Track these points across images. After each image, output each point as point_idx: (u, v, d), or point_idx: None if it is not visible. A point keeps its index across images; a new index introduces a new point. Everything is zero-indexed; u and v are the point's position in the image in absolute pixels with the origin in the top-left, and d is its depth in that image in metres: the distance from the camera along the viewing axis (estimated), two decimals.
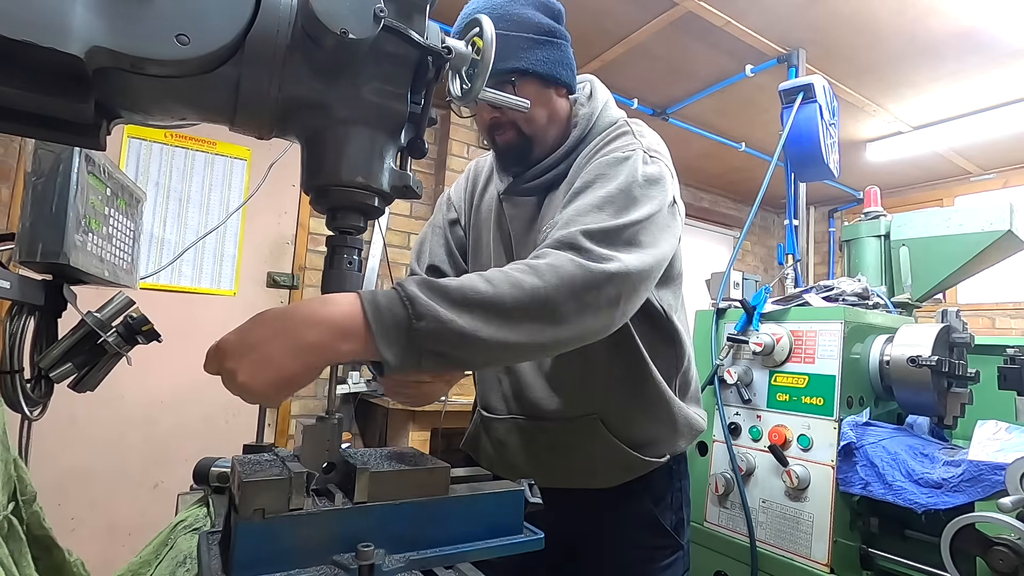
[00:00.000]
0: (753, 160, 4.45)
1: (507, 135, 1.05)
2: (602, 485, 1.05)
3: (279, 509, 0.52)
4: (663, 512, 1.09)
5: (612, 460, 1.04)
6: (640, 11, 2.83)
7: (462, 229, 1.24)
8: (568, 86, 1.06)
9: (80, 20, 0.44)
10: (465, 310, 0.67)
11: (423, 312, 0.64)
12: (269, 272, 3.21)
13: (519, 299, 0.70)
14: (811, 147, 2.15)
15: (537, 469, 1.05)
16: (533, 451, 1.08)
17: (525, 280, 0.71)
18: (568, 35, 1.06)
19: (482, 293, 0.68)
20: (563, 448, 1.05)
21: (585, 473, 1.05)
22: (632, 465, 1.04)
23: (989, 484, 1.14)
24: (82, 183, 0.84)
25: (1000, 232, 1.84)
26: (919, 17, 2.79)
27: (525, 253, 1.04)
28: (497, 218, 1.15)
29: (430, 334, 0.64)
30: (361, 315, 0.62)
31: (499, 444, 1.11)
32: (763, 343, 1.53)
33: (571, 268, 0.74)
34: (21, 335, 0.86)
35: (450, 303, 0.66)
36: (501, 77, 0.97)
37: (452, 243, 1.22)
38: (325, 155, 0.60)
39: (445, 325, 0.65)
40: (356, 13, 0.52)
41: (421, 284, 0.66)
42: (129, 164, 2.84)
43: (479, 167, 1.26)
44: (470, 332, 0.66)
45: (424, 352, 0.65)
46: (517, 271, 0.72)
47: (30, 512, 0.82)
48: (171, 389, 2.82)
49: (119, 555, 2.53)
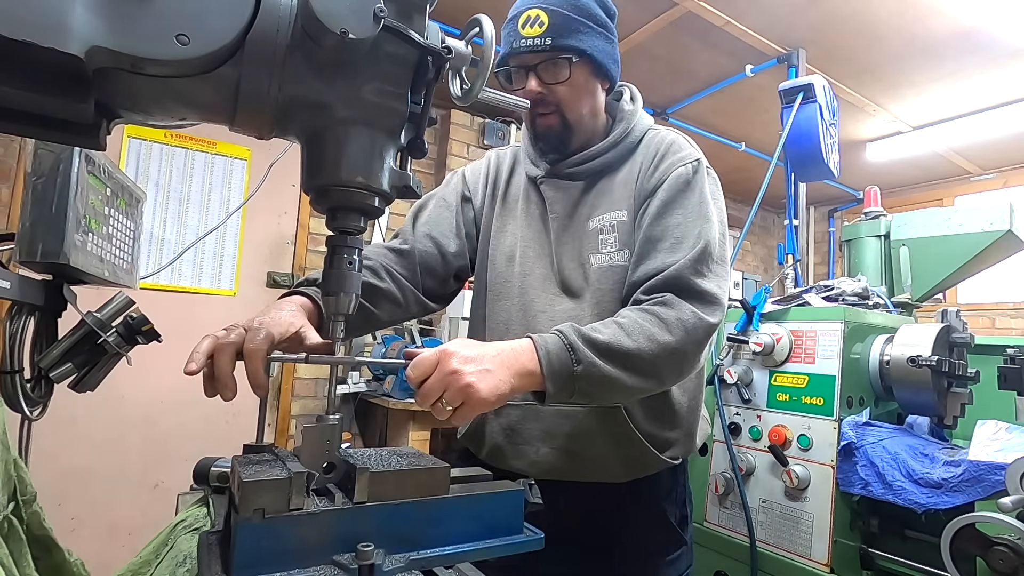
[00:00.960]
0: (753, 160, 4.45)
1: (550, 119, 1.06)
2: (617, 479, 1.05)
3: (279, 509, 0.52)
4: (670, 508, 1.10)
5: (631, 455, 1.04)
6: (640, 11, 2.83)
7: (474, 211, 1.22)
8: (612, 82, 1.11)
9: (80, 20, 0.44)
10: (611, 361, 0.84)
11: (582, 359, 0.83)
12: (269, 272, 3.21)
13: (655, 353, 0.87)
14: (811, 147, 2.15)
15: (551, 458, 1.04)
16: (551, 439, 1.05)
17: (659, 336, 0.88)
18: (617, 36, 1.13)
19: (626, 348, 0.85)
20: (585, 438, 1.03)
21: (602, 466, 1.04)
22: (649, 462, 1.05)
23: (989, 484, 1.14)
24: (82, 183, 0.85)
25: (1000, 232, 1.84)
26: (919, 17, 2.79)
27: (567, 237, 1.09)
28: (528, 202, 1.15)
29: (585, 377, 0.83)
30: (536, 359, 0.81)
31: (510, 431, 1.08)
32: (763, 343, 1.54)
33: (694, 321, 0.91)
34: (21, 335, 0.86)
35: (599, 353, 0.84)
36: (563, 53, 1.01)
37: (462, 220, 1.20)
38: (325, 155, 0.60)
39: (598, 371, 0.83)
40: (356, 13, 0.52)
41: (578, 334, 0.84)
42: (129, 164, 2.84)
43: (501, 156, 1.25)
44: (615, 378, 0.85)
45: (576, 390, 0.83)
46: (651, 324, 0.89)
47: (30, 512, 0.82)
48: (171, 389, 2.82)
49: (119, 555, 2.53)
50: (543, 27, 1.00)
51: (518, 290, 1.10)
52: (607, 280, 1.03)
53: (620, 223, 1.05)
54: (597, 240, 1.06)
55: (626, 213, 1.05)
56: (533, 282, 1.09)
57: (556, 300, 1.07)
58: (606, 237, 1.05)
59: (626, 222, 1.05)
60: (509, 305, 1.11)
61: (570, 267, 1.08)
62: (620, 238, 1.04)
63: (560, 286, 1.08)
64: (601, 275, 1.04)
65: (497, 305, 1.13)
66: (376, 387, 3.10)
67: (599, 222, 1.06)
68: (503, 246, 1.15)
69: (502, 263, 1.14)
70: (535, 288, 1.09)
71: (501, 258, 1.15)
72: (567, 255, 1.08)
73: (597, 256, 1.06)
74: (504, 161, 1.24)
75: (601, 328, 0.87)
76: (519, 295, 1.10)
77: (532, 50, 1.01)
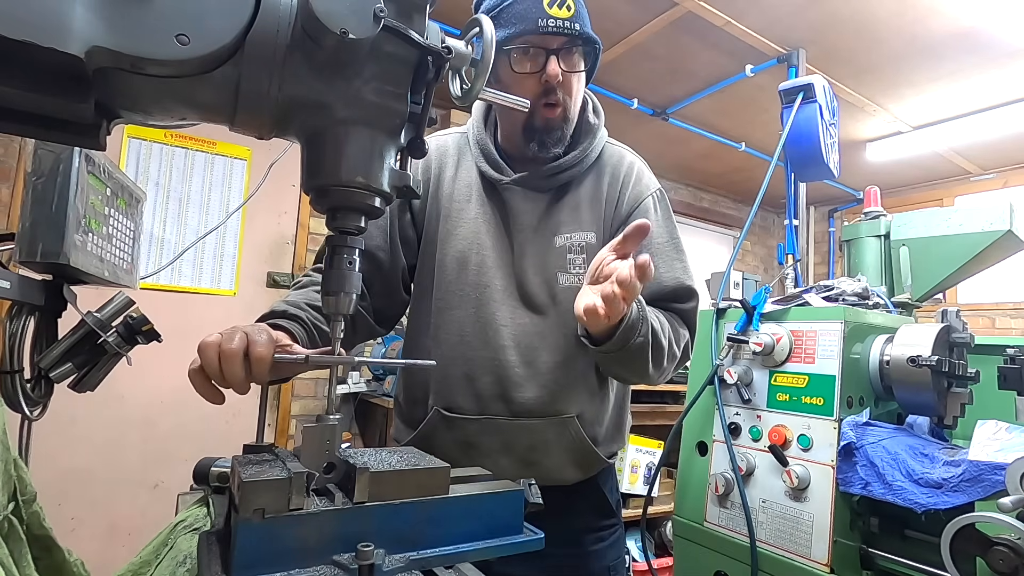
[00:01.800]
0: (753, 160, 4.45)
1: (557, 111, 1.02)
2: (569, 481, 1.10)
3: (279, 509, 0.52)
4: (610, 493, 1.17)
5: (581, 457, 1.09)
6: (640, 11, 2.83)
7: (412, 215, 1.13)
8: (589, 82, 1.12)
9: (80, 20, 0.44)
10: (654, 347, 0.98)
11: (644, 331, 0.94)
12: (269, 272, 3.20)
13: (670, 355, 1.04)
14: (811, 147, 2.15)
15: (512, 469, 1.03)
16: (510, 451, 1.06)
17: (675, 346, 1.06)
18: None
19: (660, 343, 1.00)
20: (543, 447, 1.06)
21: (558, 472, 1.08)
22: (595, 462, 1.12)
23: (989, 484, 1.14)
24: (82, 183, 0.85)
25: (1000, 232, 1.84)
26: (919, 17, 2.79)
27: (532, 250, 1.07)
28: (483, 205, 1.09)
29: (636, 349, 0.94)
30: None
31: (466, 445, 1.06)
32: (763, 343, 1.53)
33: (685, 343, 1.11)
34: (21, 335, 0.86)
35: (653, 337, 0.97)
36: (587, 42, 1.02)
37: (397, 224, 1.10)
38: (325, 155, 0.60)
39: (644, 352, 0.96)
40: (356, 13, 0.52)
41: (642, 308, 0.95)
42: (129, 164, 2.84)
43: (442, 148, 1.15)
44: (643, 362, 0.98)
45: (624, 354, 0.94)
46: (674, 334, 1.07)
47: (30, 512, 0.82)
48: (171, 389, 2.82)
49: (119, 555, 2.54)
50: (570, 11, 0.97)
51: (474, 300, 1.05)
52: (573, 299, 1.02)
53: (589, 245, 1.05)
54: (565, 259, 1.05)
55: (595, 236, 1.06)
56: (493, 294, 1.05)
57: (518, 314, 1.05)
58: (575, 257, 1.04)
59: (595, 245, 1.05)
60: (462, 315, 1.05)
61: (534, 281, 1.06)
62: (588, 260, 1.03)
63: (521, 300, 1.05)
64: (569, 295, 1.02)
65: (448, 315, 1.07)
66: (376, 387, 3.10)
67: (567, 240, 1.05)
68: (452, 250, 1.08)
69: (452, 269, 1.07)
70: (495, 300, 1.05)
71: (451, 263, 1.07)
72: (531, 269, 1.06)
73: (565, 275, 1.04)
74: (448, 153, 1.14)
75: (660, 317, 1.03)
76: (475, 305, 1.05)
77: (560, 32, 0.96)
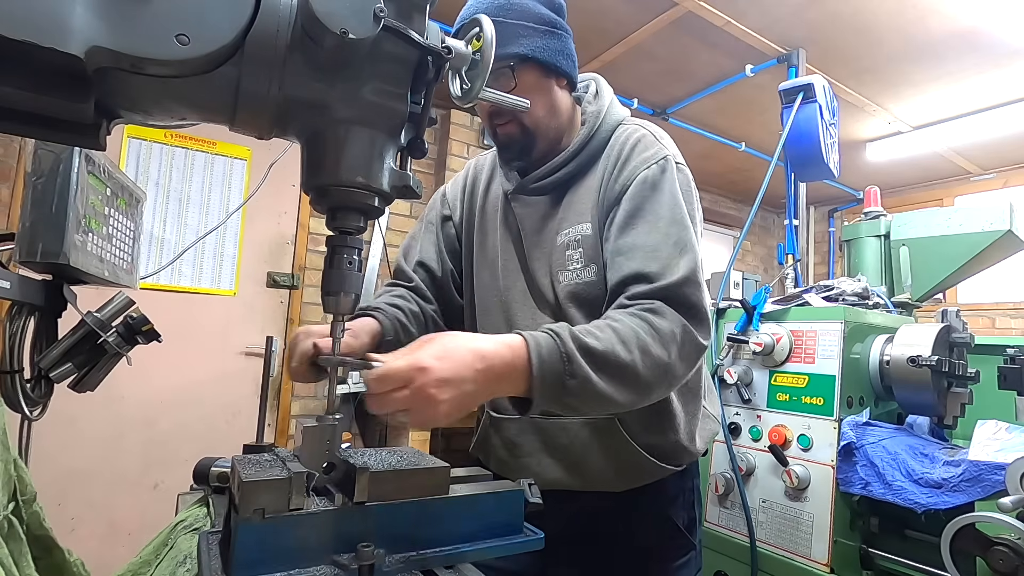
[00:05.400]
0: (753, 160, 4.45)
1: (508, 127, 1.03)
2: (618, 488, 1.04)
3: (279, 509, 0.52)
4: (676, 512, 1.08)
5: (627, 465, 1.03)
6: (640, 11, 2.83)
7: (455, 227, 1.21)
8: (568, 77, 1.05)
9: (80, 20, 0.44)
10: (606, 375, 0.78)
11: (576, 372, 0.75)
12: (269, 272, 3.21)
13: (649, 368, 0.81)
14: (811, 147, 2.15)
15: (553, 470, 1.03)
16: (550, 452, 1.05)
17: (653, 349, 0.82)
18: (569, 29, 1.06)
19: (622, 361, 0.79)
20: (581, 448, 1.03)
21: (600, 477, 1.03)
22: (647, 471, 1.03)
23: (989, 484, 1.14)
24: (82, 183, 0.84)
25: (1000, 232, 1.84)
26: (919, 17, 2.79)
27: (538, 253, 1.06)
28: (504, 217, 1.13)
29: (577, 390, 0.76)
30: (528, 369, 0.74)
31: (511, 445, 1.08)
32: (763, 343, 1.53)
33: (685, 336, 0.85)
34: (21, 335, 0.86)
35: (596, 366, 0.77)
36: (501, 63, 0.95)
37: (442, 241, 1.19)
38: (325, 155, 0.60)
39: (591, 386, 0.76)
40: (356, 13, 0.52)
41: (574, 340, 0.77)
42: (129, 164, 2.84)
43: (479, 165, 1.23)
44: (607, 395, 0.78)
45: (564, 403, 0.77)
46: (645, 333, 0.82)
47: (30, 512, 0.82)
48: (171, 389, 2.82)
49: (119, 555, 2.53)
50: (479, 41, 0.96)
51: (502, 305, 1.10)
52: (575, 298, 1.01)
53: (584, 237, 1.01)
54: (564, 256, 1.03)
55: (590, 226, 1.01)
56: (515, 296, 1.09)
57: (537, 316, 1.06)
58: (572, 253, 1.02)
59: (590, 235, 1.00)
60: (496, 320, 1.10)
61: (543, 283, 1.06)
62: (586, 253, 1.00)
63: (536, 302, 1.07)
64: (569, 293, 1.01)
65: (485, 320, 1.12)
66: None
67: (566, 236, 1.03)
68: (486, 260, 1.14)
69: (486, 277, 1.13)
70: (516, 303, 1.08)
71: (485, 272, 1.14)
72: (539, 271, 1.07)
73: (565, 273, 1.02)
74: (483, 170, 1.22)
75: (598, 333, 0.80)
76: (503, 310, 1.09)
77: None
